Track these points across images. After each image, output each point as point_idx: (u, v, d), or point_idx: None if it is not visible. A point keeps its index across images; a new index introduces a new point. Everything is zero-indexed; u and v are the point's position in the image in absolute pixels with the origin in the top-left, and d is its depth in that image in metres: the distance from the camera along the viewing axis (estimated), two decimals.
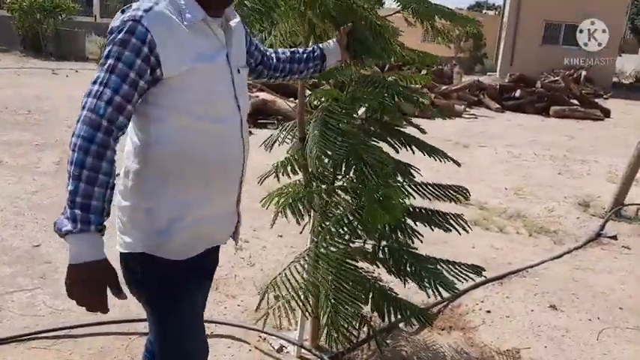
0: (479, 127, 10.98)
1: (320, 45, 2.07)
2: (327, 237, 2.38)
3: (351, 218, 2.44)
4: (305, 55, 2.01)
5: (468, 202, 5.48)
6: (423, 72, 6.36)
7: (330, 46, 2.06)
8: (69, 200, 1.22)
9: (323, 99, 2.57)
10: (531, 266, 3.97)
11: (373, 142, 2.47)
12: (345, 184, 2.49)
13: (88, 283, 1.25)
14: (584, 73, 18.20)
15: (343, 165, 2.49)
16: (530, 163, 7.91)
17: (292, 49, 2.04)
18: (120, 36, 1.28)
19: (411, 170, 2.73)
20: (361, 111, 2.66)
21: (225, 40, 1.49)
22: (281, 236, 4.22)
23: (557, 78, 16.16)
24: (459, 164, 2.74)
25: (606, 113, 13.29)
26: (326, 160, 2.47)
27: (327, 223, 2.44)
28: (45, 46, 18.08)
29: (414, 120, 2.91)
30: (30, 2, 17.42)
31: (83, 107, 1.27)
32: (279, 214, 2.40)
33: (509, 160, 8.03)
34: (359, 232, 2.38)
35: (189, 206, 1.44)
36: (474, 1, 57.17)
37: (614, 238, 4.66)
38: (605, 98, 17.26)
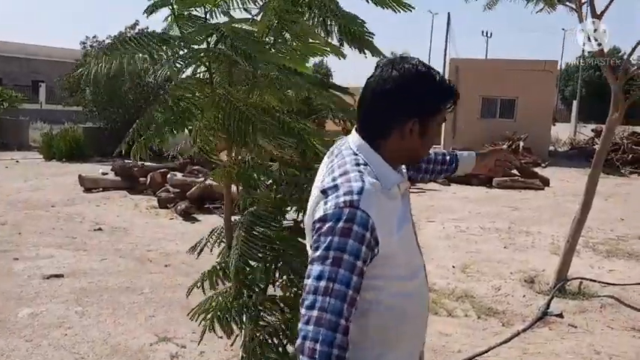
0: (427, 202, 11.16)
1: (457, 153, 2.05)
2: (259, 350, 2.24)
3: (283, 327, 2.32)
4: (441, 158, 2.00)
5: None
6: None
7: (464, 156, 2.04)
8: None
9: (248, 200, 2.50)
10: (481, 353, 3.88)
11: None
12: (276, 293, 2.39)
13: None
14: (521, 143, 19.07)
15: (276, 272, 2.40)
16: (476, 237, 8.01)
17: None
18: (340, 225, 1.21)
19: None
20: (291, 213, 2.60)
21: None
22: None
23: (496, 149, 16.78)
24: None
25: (545, 182, 13.83)
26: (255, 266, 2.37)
27: (259, 334, 2.31)
28: None
29: None
30: None
31: (311, 307, 1.18)
32: (207, 329, 2.26)
33: (456, 235, 8.12)
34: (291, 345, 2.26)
35: None
36: None
37: (560, 316, 4.67)
38: (544, 167, 18.04)
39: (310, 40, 2.30)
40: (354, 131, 1.43)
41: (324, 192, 1.28)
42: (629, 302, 5.17)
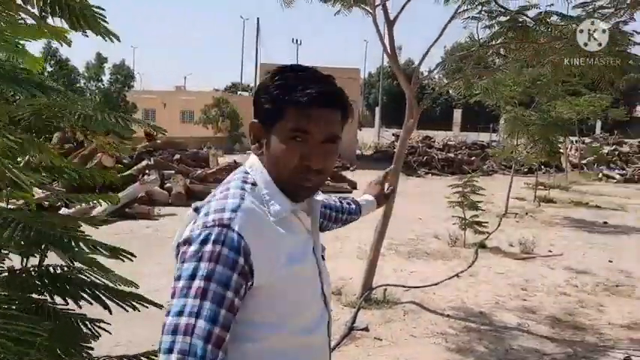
0: None
1: (358, 200, 1.94)
2: None
3: None
4: (347, 207, 1.83)
5: None
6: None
7: (366, 203, 1.95)
8: None
9: None
10: None
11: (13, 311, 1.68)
12: None
13: None
14: None
15: None
16: None
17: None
18: (206, 248, 0.99)
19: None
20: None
21: (311, 227, 1.24)
22: None
23: None
24: (159, 306, 2.07)
25: (354, 186, 14.35)
26: None
27: None
28: None
29: (166, 208, 2.18)
30: None
31: (169, 351, 0.93)
32: None
33: None
34: None
35: None
36: (230, 83, 59.86)
37: (366, 329, 4.50)
38: (352, 170, 18.89)
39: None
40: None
41: (196, 210, 1.11)
42: (428, 304, 5.26)
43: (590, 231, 9.69)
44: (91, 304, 1.94)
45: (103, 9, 1.64)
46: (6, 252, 1.94)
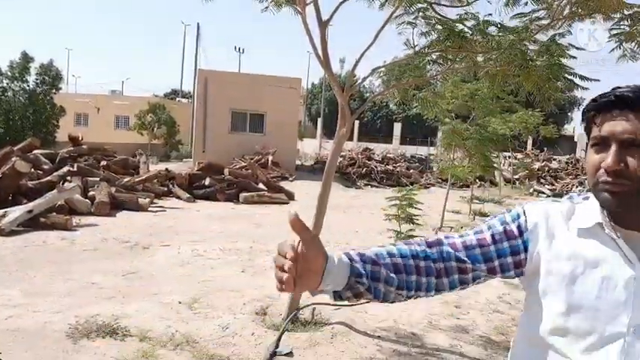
0: (167, 222, 10.10)
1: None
2: None
3: None
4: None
5: (127, 332, 4.40)
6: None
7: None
8: None
9: None
10: None
11: None
12: None
13: None
14: (270, 157, 19.34)
15: None
16: (214, 261, 7.27)
17: None
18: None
19: None
20: None
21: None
22: None
23: (245, 164, 16.66)
24: None
25: (291, 196, 13.99)
26: None
27: None
28: None
29: (88, 218, 1.72)
30: None
31: None
32: None
33: (192, 260, 7.26)
34: None
35: None
36: (170, 89, 58.27)
37: (290, 354, 4.13)
38: (291, 180, 18.53)
39: None
40: None
41: None
42: (359, 325, 4.94)
43: None
44: None
45: None
46: None
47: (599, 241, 1.12)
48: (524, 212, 1.21)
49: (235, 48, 50.78)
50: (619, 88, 1.10)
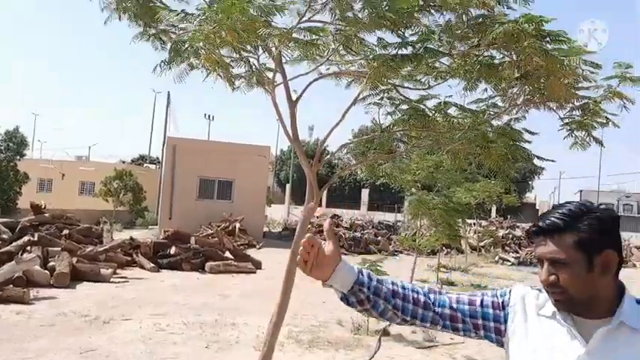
0: (129, 293, 9.80)
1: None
2: None
3: None
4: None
5: None
6: None
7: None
8: None
9: None
10: None
11: None
12: None
13: None
14: (238, 225, 19.21)
15: None
16: (177, 336, 7.04)
17: None
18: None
19: None
20: None
21: (591, 345, 1.35)
22: None
23: (212, 232, 16.49)
24: None
25: (258, 265, 13.81)
26: None
27: None
28: None
29: (46, 290, 1.66)
30: None
31: None
32: None
33: (153, 335, 7.01)
34: None
35: None
36: (138, 155, 57.98)
37: None
38: (258, 248, 18.36)
39: None
40: None
41: None
42: None
43: None
44: None
45: None
46: None
47: (556, 325, 1.41)
48: (509, 292, 1.53)
49: (205, 115, 51.24)
50: (549, 212, 1.41)
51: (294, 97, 4.91)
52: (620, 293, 1.38)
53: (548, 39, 3.79)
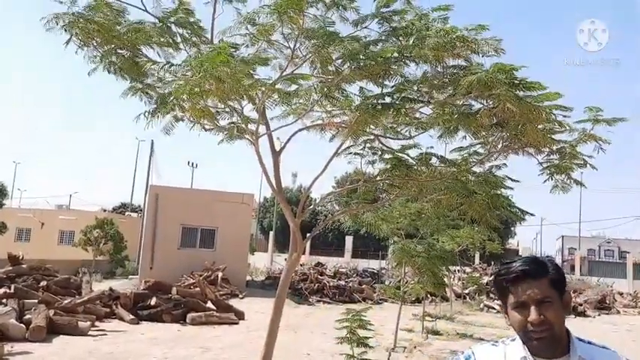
0: (107, 347, 9.49)
1: None
2: None
3: None
4: None
5: None
6: None
7: None
8: None
9: None
10: None
11: None
12: None
13: None
14: (220, 274, 18.91)
15: None
16: None
17: None
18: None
19: None
20: None
21: None
22: None
23: (194, 281, 16.20)
24: None
25: (240, 316, 13.54)
26: None
27: None
28: None
29: (21, 345, 1.57)
30: None
31: None
32: None
33: None
34: None
35: None
36: (120, 202, 57.39)
37: None
38: (241, 298, 18.03)
39: None
40: None
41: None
42: None
43: None
44: None
45: None
46: None
47: None
48: (473, 353, 1.66)
49: (189, 163, 51.20)
50: (516, 263, 1.56)
51: (277, 147, 4.97)
52: (567, 331, 1.57)
53: (520, 86, 3.92)
